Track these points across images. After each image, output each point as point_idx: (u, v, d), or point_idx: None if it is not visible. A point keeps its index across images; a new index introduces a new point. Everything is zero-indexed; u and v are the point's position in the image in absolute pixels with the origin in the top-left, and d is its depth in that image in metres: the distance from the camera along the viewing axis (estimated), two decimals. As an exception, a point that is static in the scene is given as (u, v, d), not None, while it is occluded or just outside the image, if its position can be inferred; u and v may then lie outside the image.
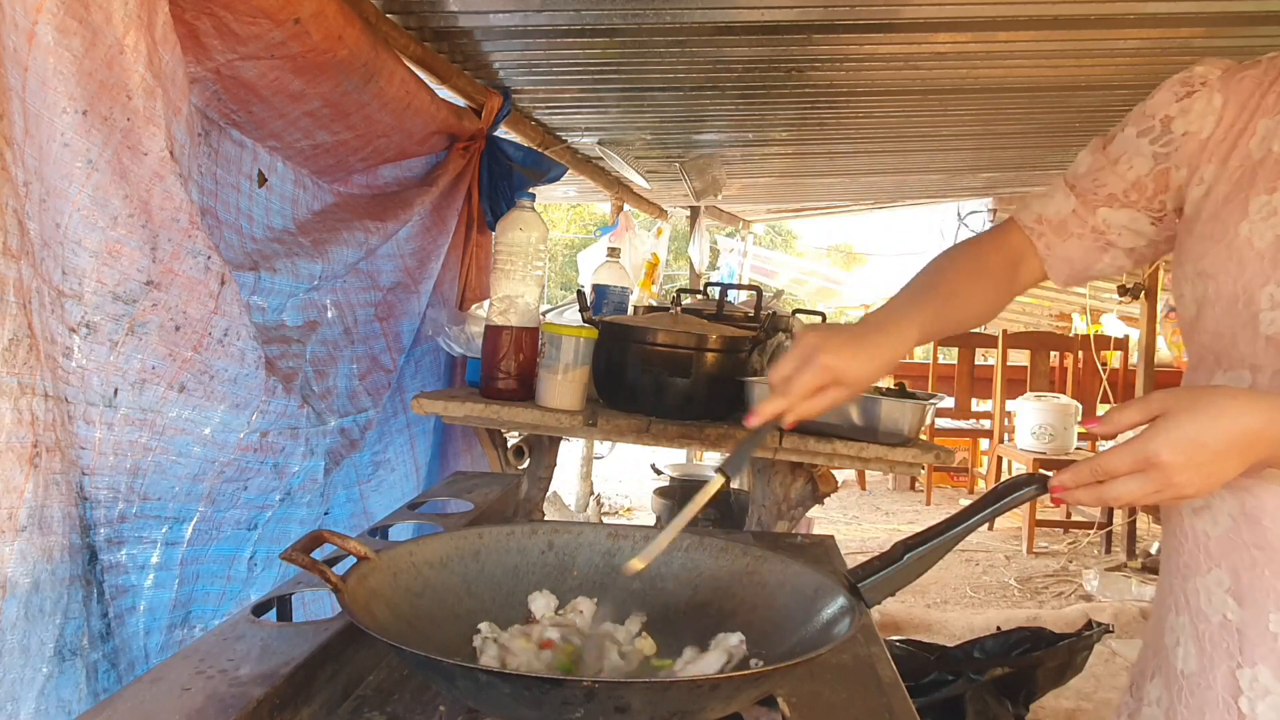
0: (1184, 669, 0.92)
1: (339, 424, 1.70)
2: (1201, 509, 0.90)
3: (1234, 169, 0.90)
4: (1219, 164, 0.92)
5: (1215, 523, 0.89)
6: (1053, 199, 1.06)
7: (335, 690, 0.85)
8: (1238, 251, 0.86)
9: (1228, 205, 0.89)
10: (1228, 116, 0.93)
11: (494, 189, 2.40)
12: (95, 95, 0.99)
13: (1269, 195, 0.86)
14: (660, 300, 4.92)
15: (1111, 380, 5.59)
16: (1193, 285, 0.91)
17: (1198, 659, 0.90)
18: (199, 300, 1.16)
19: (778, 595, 0.89)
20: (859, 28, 2.08)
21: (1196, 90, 0.95)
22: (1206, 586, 0.90)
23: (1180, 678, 0.92)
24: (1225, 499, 0.87)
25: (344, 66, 1.54)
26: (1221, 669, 0.88)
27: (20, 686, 0.94)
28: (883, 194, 5.53)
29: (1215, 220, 0.90)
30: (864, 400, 1.63)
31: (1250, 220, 0.86)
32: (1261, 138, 0.89)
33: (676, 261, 10.68)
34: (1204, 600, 0.90)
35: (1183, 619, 0.93)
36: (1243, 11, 2.02)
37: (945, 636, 3.31)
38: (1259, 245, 0.85)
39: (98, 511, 1.08)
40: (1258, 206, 0.86)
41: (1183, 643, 0.93)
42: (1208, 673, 0.89)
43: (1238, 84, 0.93)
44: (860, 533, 5.33)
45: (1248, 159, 0.89)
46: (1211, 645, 0.89)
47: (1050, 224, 1.06)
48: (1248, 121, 0.91)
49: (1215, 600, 0.89)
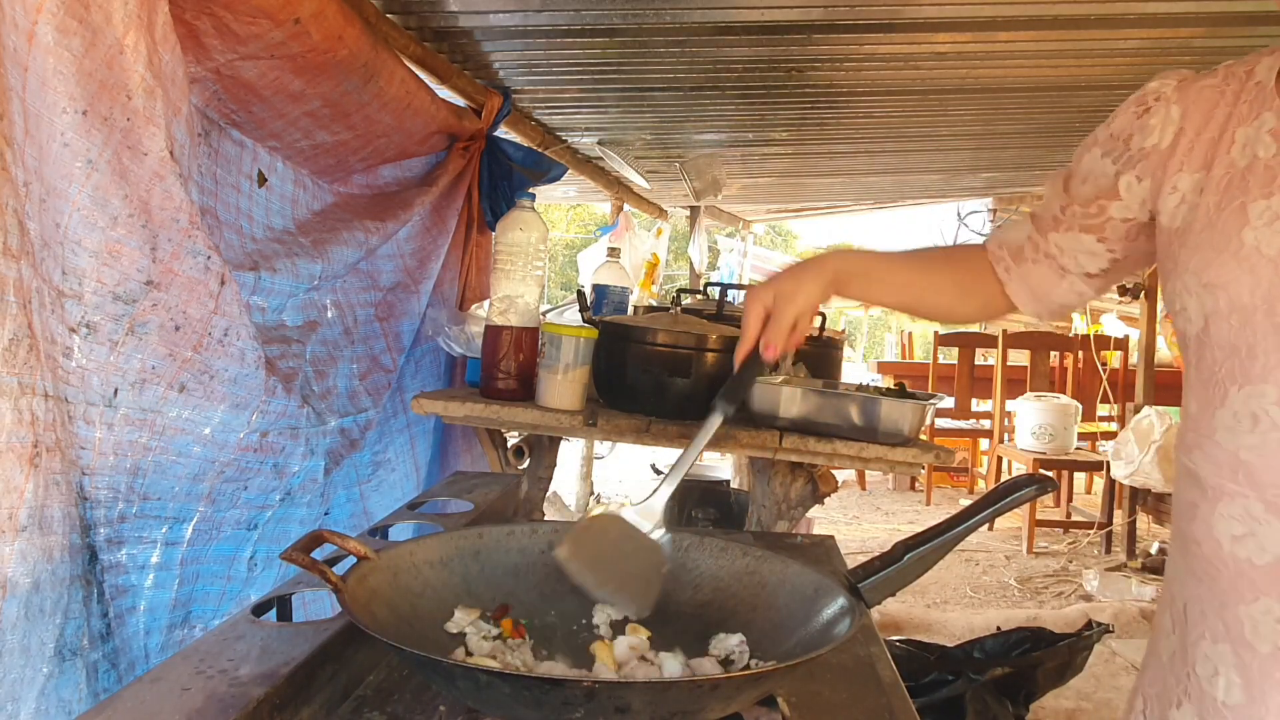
0: (1225, 700, 0.89)
1: (339, 424, 1.70)
2: (1244, 536, 0.86)
3: (1220, 177, 0.90)
4: (1197, 171, 0.92)
5: (1262, 550, 0.85)
6: (1015, 227, 1.11)
7: (335, 690, 0.85)
8: (1247, 260, 0.84)
9: (1224, 214, 0.88)
10: (1190, 125, 0.93)
11: (494, 189, 2.40)
12: (95, 95, 0.99)
13: (1267, 200, 0.85)
14: (660, 300, 4.92)
15: (1111, 380, 5.59)
16: (1199, 298, 0.89)
17: (1244, 690, 0.87)
18: (199, 300, 1.16)
19: (778, 595, 0.89)
20: (859, 28, 2.08)
21: (1151, 106, 0.96)
22: (1252, 616, 0.86)
23: (1221, 709, 0.89)
24: (1274, 526, 0.84)
25: (344, 66, 1.54)
26: (1274, 700, 0.85)
27: (21, 686, 0.94)
28: (883, 194, 5.53)
29: (1213, 229, 0.88)
30: (864, 400, 1.63)
31: (1254, 227, 0.85)
32: (1243, 145, 0.89)
33: (676, 261, 10.69)
34: (1249, 630, 0.87)
35: (1222, 648, 0.89)
36: (1243, 11, 2.02)
37: (945, 636, 3.31)
38: (1269, 252, 0.83)
39: (98, 511, 1.08)
40: (1258, 212, 0.85)
41: (1222, 672, 0.89)
42: (1257, 704, 0.86)
43: (1196, 93, 0.94)
44: (860, 533, 5.33)
45: (1233, 167, 0.89)
46: (1261, 676, 0.86)
47: (1010, 249, 1.10)
48: (1220, 132, 0.91)
49: (1264, 630, 0.85)
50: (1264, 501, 0.84)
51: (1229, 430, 0.87)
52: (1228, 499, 0.87)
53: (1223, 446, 0.87)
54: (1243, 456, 0.85)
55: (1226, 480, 0.87)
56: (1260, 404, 0.84)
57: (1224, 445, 0.87)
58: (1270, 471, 0.83)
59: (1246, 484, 0.85)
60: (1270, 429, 0.83)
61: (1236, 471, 0.86)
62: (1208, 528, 0.90)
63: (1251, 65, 0.92)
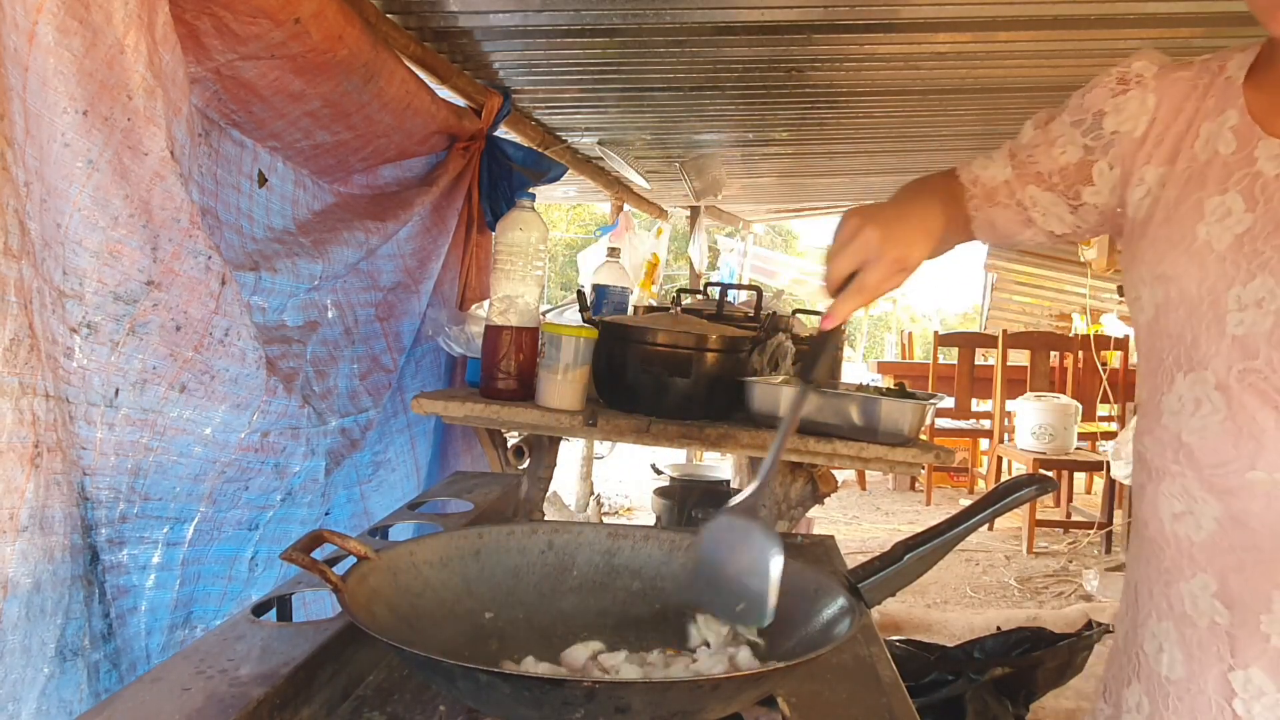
0: (1169, 675, 0.92)
1: (340, 424, 1.70)
2: (1183, 514, 0.90)
3: (1181, 171, 0.91)
4: (1162, 165, 0.93)
5: (1199, 527, 0.88)
6: (993, 163, 1.08)
7: (335, 690, 0.85)
8: (1198, 254, 0.87)
9: (1181, 208, 0.90)
10: (1162, 116, 0.94)
11: (494, 189, 2.40)
12: (96, 95, 0.99)
13: (1222, 196, 0.87)
14: (660, 300, 4.92)
15: (1111, 380, 5.59)
16: (1151, 289, 0.92)
17: (1185, 664, 0.90)
18: (200, 300, 1.16)
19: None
20: (859, 28, 2.09)
21: (1130, 89, 0.96)
22: (1191, 592, 0.89)
23: (1165, 684, 0.92)
24: (1209, 503, 0.87)
25: (344, 66, 1.54)
26: (1213, 673, 0.87)
27: (22, 687, 0.94)
28: (883, 194, 5.47)
29: (1170, 223, 0.90)
30: (864, 400, 1.63)
31: (1207, 222, 0.87)
32: (1205, 140, 0.90)
33: (676, 261, 10.68)
34: (1189, 605, 0.90)
35: (1165, 625, 0.93)
36: (1243, 11, 2.00)
37: (945, 636, 3.31)
38: (1219, 247, 0.86)
39: (99, 512, 1.08)
40: (1213, 207, 0.87)
41: (1166, 649, 0.92)
42: (1197, 677, 0.89)
43: (1171, 84, 0.95)
44: (860, 533, 5.33)
45: (1194, 161, 0.90)
46: (1200, 650, 0.89)
47: (983, 188, 1.08)
48: (1188, 125, 0.92)
49: (1202, 605, 0.88)
50: (1201, 480, 0.87)
51: (1174, 414, 0.90)
52: (1170, 479, 0.91)
53: (1168, 429, 0.91)
54: (1184, 438, 0.89)
55: (1169, 461, 0.90)
56: (1203, 389, 0.87)
57: (1169, 428, 0.90)
58: (1208, 452, 0.86)
59: (1186, 464, 0.88)
60: (1211, 412, 0.86)
61: (1178, 452, 0.89)
62: (1153, 508, 0.93)
63: (1224, 60, 0.95)
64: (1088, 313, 7.09)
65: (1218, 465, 0.86)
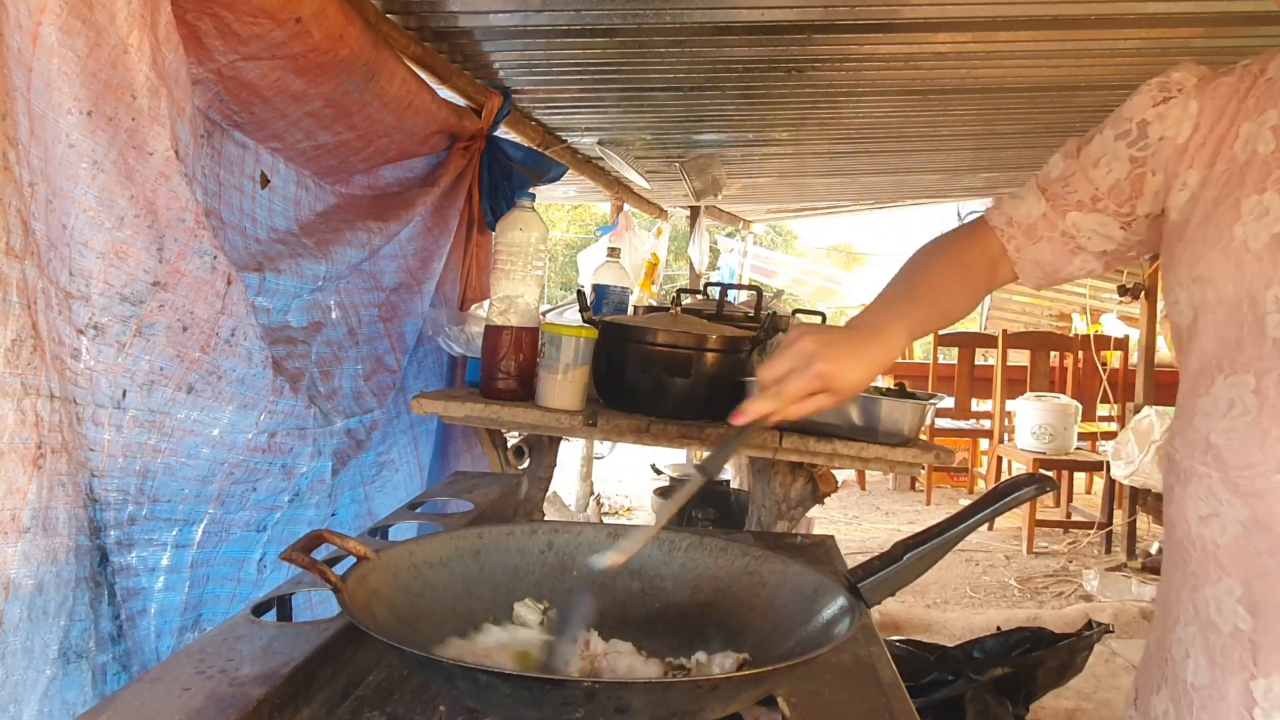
0: (1194, 681, 0.90)
1: (345, 424, 1.70)
2: (1209, 516, 0.88)
3: (1221, 173, 0.90)
4: (1203, 168, 0.92)
5: (1224, 530, 0.87)
6: (1024, 201, 1.07)
7: (335, 690, 0.85)
8: (1235, 254, 0.86)
9: (1219, 209, 0.89)
10: (1205, 122, 0.93)
11: (494, 189, 2.40)
12: (100, 95, 0.99)
13: (1259, 195, 0.86)
14: (660, 300, 4.92)
15: (1111, 380, 5.59)
16: (1189, 291, 0.91)
17: (1209, 671, 0.89)
18: (206, 300, 1.16)
19: (778, 595, 0.90)
20: (859, 28, 2.09)
21: (1173, 96, 0.96)
22: (1216, 596, 0.88)
23: (1190, 690, 0.91)
24: (1235, 506, 0.85)
25: (345, 66, 1.54)
26: (1235, 681, 0.86)
27: (23, 688, 0.94)
28: (883, 194, 5.53)
29: (1208, 224, 0.89)
30: (864, 400, 1.63)
31: (1244, 222, 0.86)
32: (1245, 140, 0.90)
33: (676, 261, 10.68)
34: (1214, 610, 0.88)
35: (1191, 630, 0.91)
36: (1243, 11, 2.02)
37: (945, 636, 3.31)
38: (1255, 247, 0.85)
39: (107, 514, 1.08)
40: (1250, 207, 0.86)
41: (1192, 655, 0.91)
42: (1219, 685, 0.87)
43: (1213, 90, 0.94)
44: (860, 533, 5.33)
45: (1233, 162, 0.90)
46: (1223, 656, 0.87)
47: (1020, 227, 1.07)
48: (1229, 127, 0.91)
49: (1226, 610, 0.87)
50: (1227, 482, 0.86)
51: (1205, 415, 0.89)
52: (1196, 480, 0.90)
53: (1198, 430, 0.90)
54: (1213, 440, 0.88)
55: (1197, 462, 0.90)
56: (1239, 391, 0.86)
57: (1199, 429, 0.90)
58: (1236, 454, 0.85)
59: (1214, 465, 0.87)
60: (1242, 414, 0.85)
61: (1206, 454, 0.88)
62: (1181, 510, 0.92)
63: (1265, 63, 0.93)
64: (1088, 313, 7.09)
65: (1244, 467, 0.84)
